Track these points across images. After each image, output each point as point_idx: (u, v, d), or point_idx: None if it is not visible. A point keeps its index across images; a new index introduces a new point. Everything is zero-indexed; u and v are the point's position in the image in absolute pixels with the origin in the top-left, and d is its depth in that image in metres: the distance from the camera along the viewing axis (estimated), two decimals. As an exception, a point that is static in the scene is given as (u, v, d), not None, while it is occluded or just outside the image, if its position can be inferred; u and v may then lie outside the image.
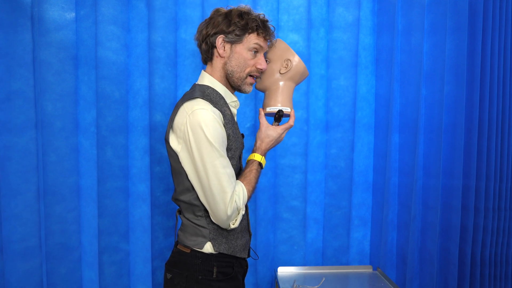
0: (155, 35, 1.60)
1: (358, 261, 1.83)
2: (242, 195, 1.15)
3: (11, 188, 1.35)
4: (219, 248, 1.19)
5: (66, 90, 1.44)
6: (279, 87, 1.29)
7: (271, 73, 1.28)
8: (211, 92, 1.19)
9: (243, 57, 1.18)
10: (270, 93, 1.30)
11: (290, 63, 1.26)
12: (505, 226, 1.65)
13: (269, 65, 1.28)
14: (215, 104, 1.16)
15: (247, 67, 1.19)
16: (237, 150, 1.20)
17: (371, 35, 1.77)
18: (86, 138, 1.46)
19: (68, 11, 1.42)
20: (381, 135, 1.78)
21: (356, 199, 1.79)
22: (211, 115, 1.10)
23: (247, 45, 1.18)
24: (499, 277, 1.66)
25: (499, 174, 1.64)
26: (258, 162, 1.22)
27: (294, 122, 1.30)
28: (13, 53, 1.33)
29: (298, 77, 1.30)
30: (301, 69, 1.28)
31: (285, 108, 1.28)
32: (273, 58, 1.28)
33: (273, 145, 1.27)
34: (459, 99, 1.60)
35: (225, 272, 1.20)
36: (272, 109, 1.28)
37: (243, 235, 1.26)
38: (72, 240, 1.49)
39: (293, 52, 1.28)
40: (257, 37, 1.19)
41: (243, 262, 1.29)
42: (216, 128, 1.10)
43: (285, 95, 1.29)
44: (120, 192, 1.59)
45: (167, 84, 1.65)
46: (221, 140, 1.11)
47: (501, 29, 1.60)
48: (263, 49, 1.22)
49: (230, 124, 1.18)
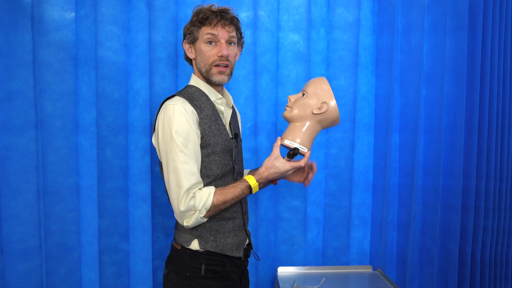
0: (156, 35, 1.60)
1: (358, 261, 1.83)
2: (205, 198, 1.13)
3: (11, 188, 1.35)
4: (205, 246, 1.20)
5: (66, 90, 1.44)
6: (305, 125, 1.25)
7: (303, 108, 1.24)
8: (193, 90, 1.23)
9: (202, 51, 1.21)
10: (294, 127, 1.26)
11: (326, 106, 1.23)
12: (505, 226, 1.65)
13: (304, 99, 1.25)
14: (195, 101, 1.20)
15: (209, 59, 1.20)
16: (217, 145, 1.20)
17: (371, 35, 1.77)
18: (86, 138, 1.46)
19: (68, 11, 1.42)
20: (381, 135, 1.78)
21: (356, 199, 1.79)
22: (179, 110, 1.14)
23: (202, 38, 1.21)
24: (499, 277, 1.66)
25: (499, 174, 1.64)
26: (248, 184, 1.19)
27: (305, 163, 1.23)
28: (13, 53, 1.33)
29: (328, 122, 1.27)
30: (334, 116, 1.24)
31: (303, 148, 1.24)
32: (311, 94, 1.25)
33: (276, 177, 1.23)
34: (459, 99, 1.60)
35: (214, 270, 1.21)
36: (289, 144, 1.24)
37: (236, 234, 1.26)
38: (72, 240, 1.49)
39: (333, 96, 1.24)
40: (209, 27, 1.19)
41: (239, 262, 1.28)
42: (182, 123, 1.13)
43: (308, 135, 1.25)
44: (120, 192, 1.59)
45: (168, 84, 1.65)
46: (186, 135, 1.13)
47: (501, 29, 1.60)
48: (222, 37, 1.20)
49: (208, 120, 1.19)
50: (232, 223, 1.25)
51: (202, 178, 1.21)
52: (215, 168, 1.21)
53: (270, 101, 1.73)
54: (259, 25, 1.68)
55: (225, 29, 1.20)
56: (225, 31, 1.20)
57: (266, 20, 1.69)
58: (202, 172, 1.21)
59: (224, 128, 1.23)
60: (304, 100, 1.24)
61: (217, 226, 1.22)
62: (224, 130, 1.23)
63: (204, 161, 1.20)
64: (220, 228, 1.22)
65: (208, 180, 1.21)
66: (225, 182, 1.24)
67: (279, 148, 1.22)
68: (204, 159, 1.20)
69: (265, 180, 1.21)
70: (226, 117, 1.30)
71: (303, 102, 1.24)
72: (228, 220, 1.25)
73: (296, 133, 1.24)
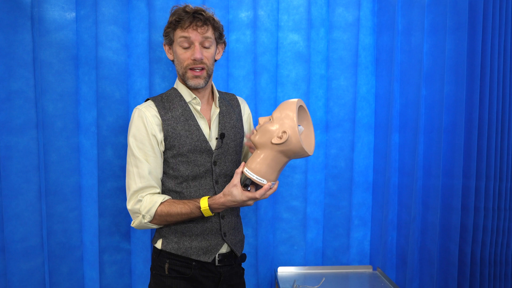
0: (156, 35, 1.60)
1: (358, 261, 1.83)
2: (149, 205, 1.14)
3: (13, 188, 1.36)
4: (166, 247, 1.21)
5: (66, 90, 1.45)
6: (265, 155, 1.09)
7: (264, 135, 1.09)
8: (170, 93, 1.25)
9: (177, 54, 1.20)
10: (256, 155, 1.11)
11: (286, 136, 1.05)
12: (505, 226, 1.65)
13: (267, 125, 1.09)
14: (167, 102, 1.21)
15: (183, 62, 1.19)
16: (184, 146, 1.17)
17: (371, 35, 1.77)
18: (87, 138, 1.47)
19: (68, 11, 1.43)
20: (381, 135, 1.78)
21: (356, 199, 1.79)
22: (137, 113, 1.17)
23: (177, 41, 1.19)
24: (499, 277, 1.66)
25: (499, 174, 1.64)
26: (198, 205, 1.13)
27: (266, 195, 1.12)
28: (13, 53, 1.34)
29: (292, 154, 1.08)
30: (297, 148, 1.06)
31: (261, 179, 1.09)
32: (275, 119, 1.08)
33: (234, 205, 1.13)
34: (459, 99, 1.60)
35: (179, 271, 1.20)
36: (247, 173, 1.10)
37: (205, 238, 1.22)
38: (73, 239, 1.50)
39: (294, 125, 1.05)
40: (181, 31, 1.16)
41: (212, 267, 1.23)
42: (138, 127, 1.16)
43: (268, 166, 1.09)
44: (121, 192, 1.59)
45: (168, 84, 1.65)
46: (141, 138, 1.15)
47: (501, 29, 1.59)
48: (196, 39, 1.16)
49: (173, 121, 1.18)
50: (201, 226, 1.21)
51: (171, 179, 1.20)
52: (183, 169, 1.19)
53: (269, 101, 1.73)
54: (258, 25, 1.68)
55: (198, 31, 1.16)
56: (198, 33, 1.16)
57: (265, 20, 1.69)
58: (169, 173, 1.20)
59: (197, 129, 1.20)
60: (267, 126, 1.09)
61: (183, 228, 1.21)
62: (197, 131, 1.20)
63: (170, 162, 1.19)
64: (186, 231, 1.21)
65: (177, 181, 1.20)
66: (200, 184, 1.21)
67: (239, 176, 1.11)
68: (171, 160, 1.19)
69: (221, 206, 1.13)
70: (212, 117, 1.26)
71: (266, 128, 1.08)
72: (197, 223, 1.21)
73: (256, 162, 1.10)
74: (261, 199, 1.12)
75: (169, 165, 1.19)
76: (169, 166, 1.20)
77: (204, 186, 1.22)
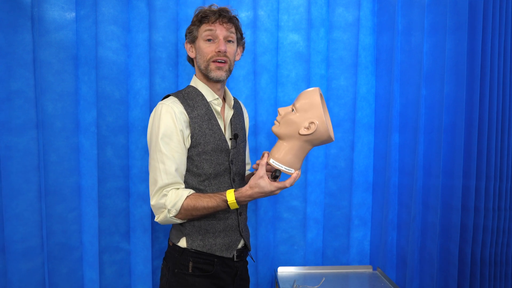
0: (156, 35, 1.60)
1: (358, 261, 1.83)
2: (176, 199, 1.14)
3: (12, 188, 1.36)
4: (192, 245, 1.22)
5: (66, 90, 1.44)
6: (292, 145, 1.13)
7: (290, 126, 1.12)
8: (190, 90, 1.26)
9: (201, 48, 1.23)
10: (281, 146, 1.15)
11: (314, 126, 1.09)
12: (505, 226, 1.65)
13: (291, 116, 1.12)
14: (189, 100, 1.22)
15: (207, 55, 1.22)
16: (208, 145, 1.20)
17: (371, 35, 1.77)
18: (87, 138, 1.47)
19: (68, 11, 1.42)
20: (381, 135, 1.78)
21: (356, 199, 1.79)
22: (166, 109, 1.17)
23: (201, 36, 1.23)
24: (499, 277, 1.66)
25: (499, 174, 1.64)
26: (224, 198, 1.15)
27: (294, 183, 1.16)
28: (13, 53, 1.34)
29: (318, 142, 1.14)
30: (324, 136, 1.11)
31: (288, 169, 1.14)
32: (299, 110, 1.11)
33: (261, 196, 1.16)
34: (459, 99, 1.60)
35: (202, 269, 1.22)
36: (274, 165, 1.15)
37: (227, 234, 1.26)
38: (73, 240, 1.50)
39: (322, 115, 1.09)
40: (207, 25, 1.21)
41: (231, 262, 1.28)
42: (167, 122, 1.16)
43: (295, 156, 1.14)
44: (120, 192, 1.59)
45: (168, 84, 1.65)
46: (169, 134, 1.16)
47: (501, 29, 1.59)
48: (220, 34, 1.21)
49: (199, 120, 1.20)
50: (223, 223, 1.25)
51: (194, 177, 1.22)
52: (206, 167, 1.21)
53: (269, 101, 1.73)
54: (259, 25, 1.68)
55: (223, 26, 1.22)
56: (223, 28, 1.22)
57: (266, 20, 1.69)
58: (193, 171, 1.21)
59: (218, 128, 1.24)
60: (291, 117, 1.12)
61: (206, 226, 1.23)
62: (218, 130, 1.24)
63: (195, 160, 1.21)
64: (210, 228, 1.23)
65: (200, 179, 1.22)
66: (220, 182, 1.25)
67: (264, 167, 1.14)
68: (195, 157, 1.21)
69: (247, 199, 1.15)
70: (227, 118, 1.30)
71: (290, 119, 1.12)
72: (219, 220, 1.25)
73: (282, 153, 1.14)
74: (289, 186, 1.15)
75: (194, 162, 1.21)
76: (194, 163, 1.21)
77: (223, 184, 1.25)
